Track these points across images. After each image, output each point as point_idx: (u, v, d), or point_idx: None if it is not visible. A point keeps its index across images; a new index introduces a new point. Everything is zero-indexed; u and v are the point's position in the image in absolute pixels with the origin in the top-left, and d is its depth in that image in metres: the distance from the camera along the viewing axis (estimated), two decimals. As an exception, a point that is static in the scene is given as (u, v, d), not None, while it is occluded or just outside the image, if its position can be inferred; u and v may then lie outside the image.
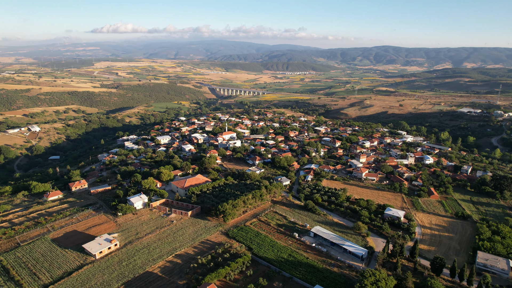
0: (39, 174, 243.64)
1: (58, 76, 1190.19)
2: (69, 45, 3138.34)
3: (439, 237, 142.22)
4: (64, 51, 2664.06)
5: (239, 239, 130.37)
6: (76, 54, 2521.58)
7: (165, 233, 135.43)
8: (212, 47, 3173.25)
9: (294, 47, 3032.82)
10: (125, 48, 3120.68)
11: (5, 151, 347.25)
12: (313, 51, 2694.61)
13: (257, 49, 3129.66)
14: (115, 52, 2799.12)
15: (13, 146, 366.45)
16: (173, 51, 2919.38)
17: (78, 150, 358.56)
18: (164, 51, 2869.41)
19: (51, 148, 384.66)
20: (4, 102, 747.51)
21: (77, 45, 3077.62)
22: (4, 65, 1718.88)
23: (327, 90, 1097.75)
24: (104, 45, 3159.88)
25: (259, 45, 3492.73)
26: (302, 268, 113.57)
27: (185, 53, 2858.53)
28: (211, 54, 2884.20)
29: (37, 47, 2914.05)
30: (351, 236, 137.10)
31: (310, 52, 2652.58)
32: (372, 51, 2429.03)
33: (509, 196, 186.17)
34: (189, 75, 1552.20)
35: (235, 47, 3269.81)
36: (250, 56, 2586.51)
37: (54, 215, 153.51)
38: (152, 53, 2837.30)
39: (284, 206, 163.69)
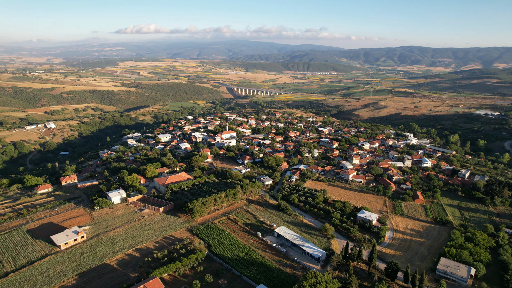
0: (40, 169, 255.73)
1: (82, 75, 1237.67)
2: (97, 45, 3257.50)
3: (409, 242, 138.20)
4: (92, 51, 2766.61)
5: (202, 236, 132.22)
6: (103, 54, 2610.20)
7: (133, 228, 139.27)
8: (234, 47, 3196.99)
9: (316, 47, 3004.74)
10: (150, 48, 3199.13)
11: (19, 146, 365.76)
12: (336, 52, 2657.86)
13: (279, 49, 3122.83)
14: (140, 52, 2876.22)
15: (28, 142, 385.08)
16: (196, 51, 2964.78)
17: (86, 147, 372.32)
18: (187, 51, 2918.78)
19: (63, 144, 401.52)
20: (30, 100, 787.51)
21: (104, 46, 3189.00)
22: (36, 64, 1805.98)
23: (345, 91, 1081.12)
24: (129, 45, 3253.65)
25: (281, 45, 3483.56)
26: (255, 267, 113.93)
27: (207, 53, 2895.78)
28: (233, 54, 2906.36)
29: (68, 48, 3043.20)
30: (316, 238, 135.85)
31: (332, 52, 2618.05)
32: (396, 52, 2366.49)
33: (499, 202, 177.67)
34: (209, 75, 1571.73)
35: (257, 47, 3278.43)
36: (271, 56, 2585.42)
37: (38, 207, 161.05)
38: (176, 53, 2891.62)
39: (259, 206, 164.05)
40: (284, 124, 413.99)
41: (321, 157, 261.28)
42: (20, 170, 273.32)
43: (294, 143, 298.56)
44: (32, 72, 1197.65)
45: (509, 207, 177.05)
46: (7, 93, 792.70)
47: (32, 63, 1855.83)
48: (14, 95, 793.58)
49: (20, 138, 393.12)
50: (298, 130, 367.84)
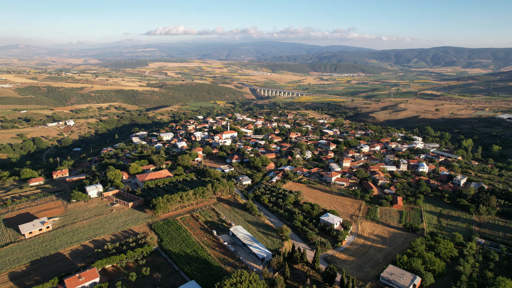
0: (45, 163, 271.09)
1: (112, 75, 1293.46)
2: (130, 46, 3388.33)
3: (368, 248, 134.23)
4: (126, 53, 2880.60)
5: (158, 231, 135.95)
6: (135, 55, 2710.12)
7: (98, 220, 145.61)
8: (263, 48, 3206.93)
9: (346, 48, 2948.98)
10: (180, 49, 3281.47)
11: (37, 142, 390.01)
12: (365, 53, 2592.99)
13: (308, 50, 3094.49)
14: (170, 53, 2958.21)
15: (46, 138, 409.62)
16: (225, 52, 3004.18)
17: (97, 143, 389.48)
18: (216, 52, 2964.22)
19: (78, 141, 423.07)
20: (61, 99, 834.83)
21: (137, 47, 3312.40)
22: (73, 65, 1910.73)
23: (369, 92, 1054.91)
24: (161, 47, 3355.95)
25: (310, 46, 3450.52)
26: (196, 264, 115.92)
27: (236, 54, 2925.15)
28: (261, 55, 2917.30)
29: (103, 49, 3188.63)
30: (270, 239, 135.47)
31: (362, 53, 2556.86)
32: (430, 53, 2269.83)
33: (484, 211, 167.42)
34: (234, 76, 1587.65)
35: (286, 48, 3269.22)
36: (299, 57, 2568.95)
37: (23, 198, 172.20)
38: (205, 54, 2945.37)
39: (227, 205, 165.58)
40: (290, 125, 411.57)
41: (313, 159, 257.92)
42: (27, 163, 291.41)
43: (291, 144, 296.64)
44: (67, 72, 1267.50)
45: (494, 217, 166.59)
46: (42, 92, 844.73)
47: (70, 64, 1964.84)
48: (47, 94, 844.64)
49: (40, 134, 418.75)
50: (302, 131, 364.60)
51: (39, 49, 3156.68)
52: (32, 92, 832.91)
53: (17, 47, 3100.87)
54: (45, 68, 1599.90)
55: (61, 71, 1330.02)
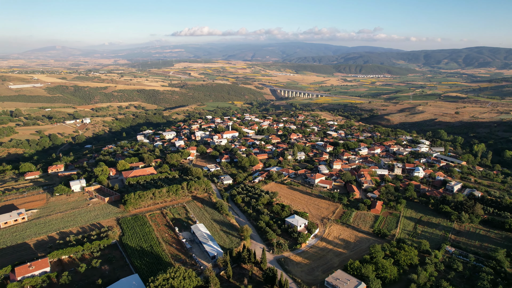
0: (50, 158, 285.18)
1: (137, 75, 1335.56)
2: (158, 47, 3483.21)
3: (327, 252, 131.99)
4: (154, 53, 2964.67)
5: (123, 226, 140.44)
6: (163, 55, 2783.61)
7: (72, 213, 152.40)
8: (288, 49, 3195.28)
9: (373, 49, 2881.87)
10: (206, 50, 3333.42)
11: (53, 138, 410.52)
12: (393, 54, 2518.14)
13: (334, 51, 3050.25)
14: (197, 54, 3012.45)
15: (62, 135, 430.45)
16: (250, 53, 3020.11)
17: (106, 141, 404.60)
18: (241, 53, 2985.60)
19: (91, 138, 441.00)
20: (86, 98, 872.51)
21: (165, 48, 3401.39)
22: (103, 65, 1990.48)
23: (391, 94, 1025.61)
24: (188, 48, 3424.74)
25: (337, 47, 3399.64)
26: (148, 259, 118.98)
27: (261, 55, 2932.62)
28: (286, 56, 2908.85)
29: (133, 50, 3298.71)
30: (230, 238, 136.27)
31: (389, 54, 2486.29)
32: (462, 53, 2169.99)
33: (467, 219, 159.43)
34: (256, 76, 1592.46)
35: (312, 49, 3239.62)
36: (325, 58, 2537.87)
37: (13, 190, 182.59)
38: (231, 55, 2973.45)
39: (200, 203, 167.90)
40: (297, 127, 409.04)
41: (305, 161, 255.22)
42: (34, 158, 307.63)
43: (289, 145, 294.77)
44: (95, 72, 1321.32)
45: (478, 225, 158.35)
46: (69, 91, 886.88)
47: (101, 64, 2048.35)
48: (73, 93, 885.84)
49: (57, 131, 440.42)
50: (306, 132, 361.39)
51: (74, 50, 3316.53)
52: (60, 91, 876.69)
53: (55, 49, 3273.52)
54: (76, 68, 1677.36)
55: (90, 71, 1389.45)
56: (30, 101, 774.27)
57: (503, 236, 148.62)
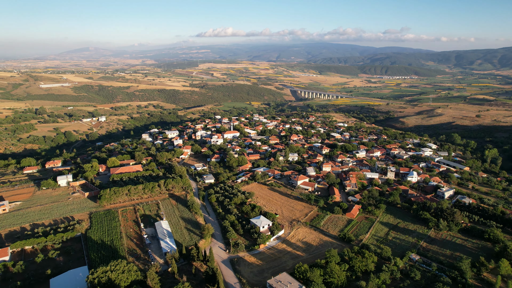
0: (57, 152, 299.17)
1: (161, 75, 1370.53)
2: (185, 48, 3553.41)
3: (284, 254, 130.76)
4: (181, 54, 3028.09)
5: (93, 220, 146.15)
6: (189, 56, 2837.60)
7: (51, 206, 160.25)
8: (314, 50, 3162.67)
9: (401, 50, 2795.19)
10: (232, 51, 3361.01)
11: (68, 135, 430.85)
12: (422, 54, 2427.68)
13: (361, 52, 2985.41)
14: (222, 54, 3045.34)
15: (77, 132, 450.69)
16: (275, 53, 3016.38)
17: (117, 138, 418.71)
18: (266, 54, 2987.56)
19: (104, 136, 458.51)
20: (108, 97, 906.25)
21: (191, 48, 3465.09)
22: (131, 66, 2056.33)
23: (415, 96, 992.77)
24: (214, 48, 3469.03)
25: (364, 48, 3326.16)
26: (105, 252, 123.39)
27: (286, 55, 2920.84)
28: (312, 57, 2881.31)
29: (161, 51, 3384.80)
30: (190, 236, 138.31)
31: (418, 55, 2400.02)
32: (497, 53, 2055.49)
33: (445, 226, 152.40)
34: (279, 77, 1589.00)
35: (338, 49, 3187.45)
36: (351, 59, 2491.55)
37: (8, 183, 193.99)
38: (256, 56, 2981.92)
39: (175, 201, 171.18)
40: (303, 127, 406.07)
41: (297, 162, 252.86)
42: (42, 154, 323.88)
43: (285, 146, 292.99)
44: (121, 72, 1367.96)
45: (456, 233, 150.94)
46: (93, 91, 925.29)
47: (129, 65, 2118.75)
48: (98, 92, 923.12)
49: (73, 129, 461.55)
50: (309, 134, 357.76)
51: (105, 51, 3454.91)
52: (86, 90, 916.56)
53: (88, 50, 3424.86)
54: (105, 68, 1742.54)
55: (117, 71, 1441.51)
56: (57, 99, 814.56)
57: (479, 246, 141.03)
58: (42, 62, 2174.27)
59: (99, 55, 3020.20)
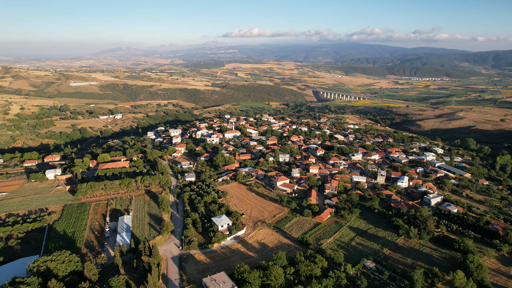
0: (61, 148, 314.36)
1: (185, 75, 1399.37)
2: (214, 48, 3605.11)
3: (236, 254, 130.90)
4: (209, 54, 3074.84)
5: (64, 212, 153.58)
6: (217, 56, 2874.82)
7: (31, 198, 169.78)
8: (342, 50, 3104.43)
9: (434, 50, 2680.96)
10: (260, 51, 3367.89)
11: (83, 131, 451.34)
12: (457, 55, 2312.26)
13: (391, 53, 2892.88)
14: (250, 55, 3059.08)
15: (92, 128, 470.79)
16: (302, 54, 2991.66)
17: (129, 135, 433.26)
18: (294, 54, 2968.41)
19: (117, 133, 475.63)
20: (132, 95, 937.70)
21: (220, 48, 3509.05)
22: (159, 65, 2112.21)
23: (441, 99, 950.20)
24: (242, 48, 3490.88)
25: (394, 48, 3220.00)
26: (63, 243, 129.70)
27: (314, 56, 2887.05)
28: (340, 57, 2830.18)
29: (189, 51, 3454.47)
30: (151, 231, 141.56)
31: (452, 55, 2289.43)
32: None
33: (415, 234, 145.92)
34: (303, 78, 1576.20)
35: (367, 50, 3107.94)
36: (380, 59, 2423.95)
37: (5, 174, 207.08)
38: (283, 56, 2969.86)
39: (148, 197, 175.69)
40: (309, 128, 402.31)
41: (286, 163, 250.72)
42: (51, 148, 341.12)
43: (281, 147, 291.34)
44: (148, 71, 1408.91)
45: (427, 242, 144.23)
46: (118, 89, 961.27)
47: (158, 64, 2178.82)
48: (122, 91, 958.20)
49: (89, 126, 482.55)
50: (311, 135, 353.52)
51: (137, 51, 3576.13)
52: (111, 89, 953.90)
53: (120, 50, 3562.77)
54: (135, 68, 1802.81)
55: (145, 70, 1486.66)
56: (84, 97, 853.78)
57: (447, 257, 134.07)
58: (78, 62, 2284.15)
59: (130, 55, 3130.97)
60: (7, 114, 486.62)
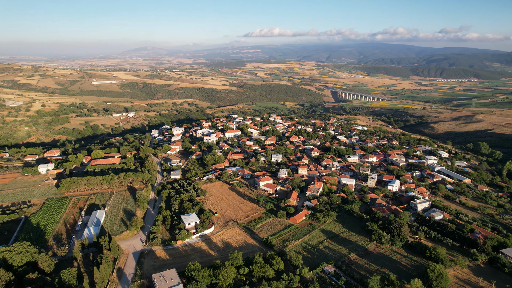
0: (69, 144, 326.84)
1: (204, 74, 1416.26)
2: (236, 48, 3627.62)
3: (197, 252, 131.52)
4: (232, 53, 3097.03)
5: (45, 205, 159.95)
6: (240, 56, 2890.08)
7: (19, 191, 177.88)
8: (366, 50, 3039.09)
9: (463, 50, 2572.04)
10: (283, 51, 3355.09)
11: (94, 128, 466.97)
12: (488, 55, 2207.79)
13: (417, 53, 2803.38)
14: (272, 55, 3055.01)
15: (104, 126, 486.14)
16: (325, 54, 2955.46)
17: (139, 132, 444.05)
18: (316, 54, 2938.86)
19: (127, 130, 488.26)
20: (150, 93, 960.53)
21: (243, 48, 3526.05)
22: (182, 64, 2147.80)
23: (465, 101, 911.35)
24: (264, 48, 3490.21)
25: (421, 48, 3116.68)
26: (33, 234, 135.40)
27: (337, 56, 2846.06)
28: (363, 57, 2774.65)
29: (213, 50, 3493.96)
30: (121, 226, 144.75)
31: (482, 56, 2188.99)
32: None
33: (387, 240, 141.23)
34: (323, 78, 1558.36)
35: (392, 50, 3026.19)
36: (405, 60, 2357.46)
37: (4, 167, 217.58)
38: (306, 56, 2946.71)
39: (129, 193, 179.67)
40: (315, 129, 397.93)
41: (276, 163, 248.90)
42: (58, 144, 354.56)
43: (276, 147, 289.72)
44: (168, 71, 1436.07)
45: (399, 249, 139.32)
46: (138, 88, 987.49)
47: (180, 63, 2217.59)
48: (141, 89, 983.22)
49: (102, 123, 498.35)
50: (313, 136, 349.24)
51: (161, 50, 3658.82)
52: (131, 87, 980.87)
53: (146, 49, 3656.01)
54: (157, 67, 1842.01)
55: (166, 69, 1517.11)
56: (104, 95, 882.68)
57: (416, 264, 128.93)
58: (105, 61, 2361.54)
59: (155, 54, 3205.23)
60: (28, 111, 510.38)
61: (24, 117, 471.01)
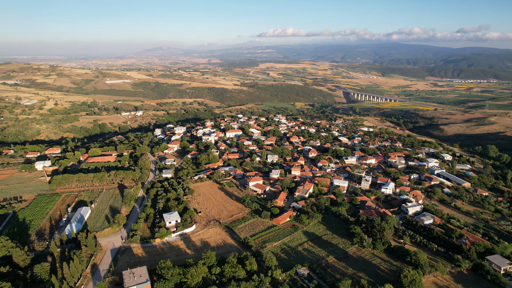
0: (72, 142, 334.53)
1: (217, 74, 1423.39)
2: (251, 48, 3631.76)
3: (173, 250, 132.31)
4: (246, 53, 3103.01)
5: (34, 201, 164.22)
6: (254, 56, 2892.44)
7: (13, 187, 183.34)
8: (382, 50, 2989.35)
9: (483, 50, 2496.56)
10: (297, 51, 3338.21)
11: (102, 127, 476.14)
12: (509, 55, 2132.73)
13: (435, 53, 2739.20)
14: (286, 54, 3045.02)
15: (111, 124, 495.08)
16: (340, 54, 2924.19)
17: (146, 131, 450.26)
18: (331, 54, 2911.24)
19: (134, 129, 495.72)
20: (162, 93, 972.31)
21: (257, 48, 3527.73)
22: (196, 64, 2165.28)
23: (481, 102, 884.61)
24: (279, 48, 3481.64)
25: (438, 49, 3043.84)
26: (18, 229, 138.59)
27: (352, 56, 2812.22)
28: (379, 57, 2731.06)
29: (227, 50, 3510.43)
30: (104, 224, 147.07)
31: (504, 56, 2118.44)
32: None
33: (368, 244, 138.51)
34: (336, 78, 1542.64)
35: (409, 50, 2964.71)
36: (421, 60, 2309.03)
37: (4, 164, 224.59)
38: (320, 56, 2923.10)
39: (118, 191, 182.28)
40: (318, 130, 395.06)
41: (271, 163, 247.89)
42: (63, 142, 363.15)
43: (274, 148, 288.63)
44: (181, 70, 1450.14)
45: (381, 253, 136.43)
46: (150, 87, 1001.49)
47: (195, 63, 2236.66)
48: (153, 89, 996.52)
49: (110, 121, 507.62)
50: (314, 137, 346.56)
51: (177, 50, 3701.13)
52: (143, 86, 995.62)
53: (161, 49, 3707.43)
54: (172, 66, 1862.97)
55: (179, 69, 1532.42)
56: (117, 94, 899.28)
57: (394, 269, 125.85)
58: (121, 60, 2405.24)
59: (170, 54, 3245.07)
60: (41, 109, 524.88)
61: (36, 115, 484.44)
